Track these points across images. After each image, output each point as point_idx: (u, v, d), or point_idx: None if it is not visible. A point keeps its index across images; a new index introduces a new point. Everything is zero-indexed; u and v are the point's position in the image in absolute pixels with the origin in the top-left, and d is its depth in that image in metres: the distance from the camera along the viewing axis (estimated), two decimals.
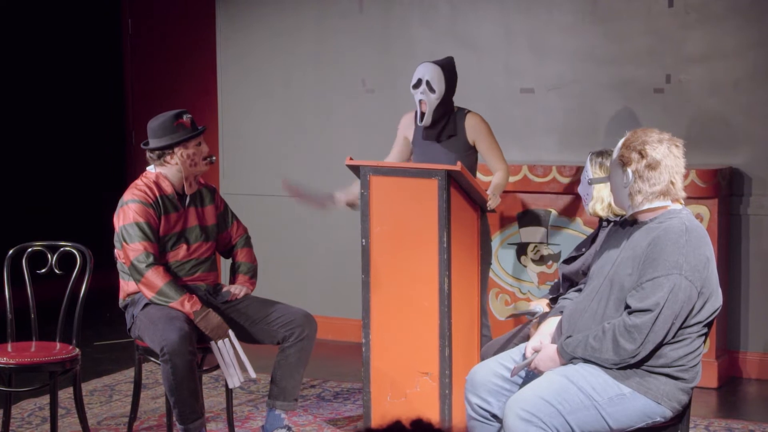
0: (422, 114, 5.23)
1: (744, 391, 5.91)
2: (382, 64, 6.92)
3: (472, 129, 5.26)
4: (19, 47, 8.13)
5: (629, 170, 3.55)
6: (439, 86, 5.20)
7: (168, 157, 4.68)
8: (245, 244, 4.98)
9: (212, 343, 4.55)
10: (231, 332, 4.59)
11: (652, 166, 3.53)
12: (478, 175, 5.68)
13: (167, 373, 4.43)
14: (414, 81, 5.25)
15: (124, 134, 8.85)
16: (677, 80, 6.18)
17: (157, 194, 4.66)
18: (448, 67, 5.27)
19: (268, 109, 7.30)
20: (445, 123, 5.26)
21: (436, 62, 5.28)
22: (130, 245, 4.55)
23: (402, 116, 5.53)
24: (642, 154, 3.53)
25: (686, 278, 3.44)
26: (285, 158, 7.26)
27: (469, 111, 5.31)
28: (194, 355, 4.48)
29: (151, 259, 4.53)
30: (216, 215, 4.88)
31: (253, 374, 4.68)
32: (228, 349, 4.56)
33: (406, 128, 5.46)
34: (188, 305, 4.52)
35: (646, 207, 3.57)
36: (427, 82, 5.19)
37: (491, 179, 5.27)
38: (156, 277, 4.52)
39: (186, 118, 4.67)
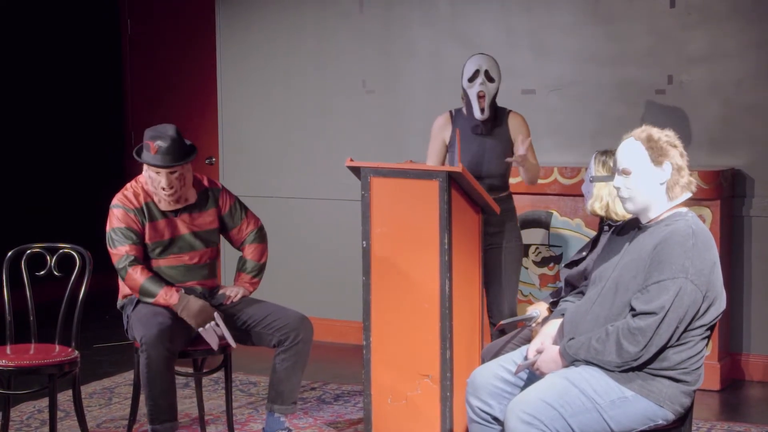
0: (482, 108, 5.15)
1: (746, 393, 5.89)
2: (382, 65, 6.90)
3: (515, 128, 5.24)
4: (19, 47, 8.11)
5: (669, 163, 3.53)
6: (498, 75, 5.19)
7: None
8: (254, 240, 4.93)
9: (201, 330, 4.54)
10: (217, 314, 4.58)
11: (684, 156, 3.57)
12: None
13: (142, 365, 4.47)
14: (470, 73, 5.17)
15: (123, 135, 8.83)
16: (679, 81, 6.16)
17: (143, 201, 4.67)
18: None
19: (268, 110, 7.28)
20: (493, 118, 5.23)
21: (487, 54, 5.28)
22: (112, 250, 4.63)
23: (435, 119, 5.36)
24: (677, 147, 3.55)
25: (692, 282, 3.42)
26: (285, 159, 7.24)
27: (511, 110, 5.30)
28: (171, 352, 4.48)
29: (130, 259, 4.58)
30: (218, 217, 4.85)
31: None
32: (219, 327, 4.57)
33: (443, 130, 5.30)
34: (167, 297, 4.55)
35: (684, 198, 3.56)
36: (486, 72, 5.16)
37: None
38: (136, 276, 4.57)
39: (157, 144, 4.57)
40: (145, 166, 4.65)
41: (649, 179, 3.56)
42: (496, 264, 5.19)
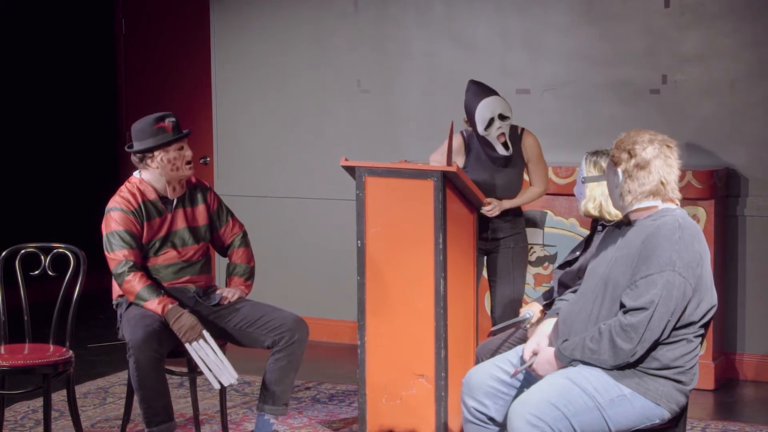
0: (504, 144, 5.10)
1: (741, 393, 5.90)
2: (377, 65, 6.90)
3: (529, 147, 5.25)
4: (12, 47, 8.10)
5: (619, 170, 3.59)
6: (510, 111, 5.12)
7: (149, 161, 4.68)
8: (241, 244, 4.94)
9: (188, 345, 4.51)
10: (206, 333, 4.53)
11: (641, 166, 3.56)
12: None
13: (131, 369, 4.46)
14: (485, 122, 5.05)
15: (117, 135, 8.82)
16: (673, 81, 6.16)
17: (140, 200, 4.65)
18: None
19: (263, 110, 7.27)
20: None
21: (492, 92, 5.14)
22: (110, 254, 4.60)
23: (457, 133, 5.24)
24: (631, 154, 3.57)
25: (680, 275, 3.44)
26: (280, 159, 7.23)
27: (524, 129, 5.28)
28: (159, 353, 4.46)
29: (129, 265, 4.56)
30: (208, 214, 4.85)
31: (233, 376, 4.56)
32: (206, 350, 4.51)
33: (457, 154, 5.20)
34: (160, 306, 4.51)
35: (635, 207, 3.60)
36: (500, 115, 5.06)
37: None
38: (134, 283, 4.55)
39: (168, 122, 4.63)
40: (159, 156, 4.63)
41: (609, 179, 3.68)
42: (504, 266, 5.20)
